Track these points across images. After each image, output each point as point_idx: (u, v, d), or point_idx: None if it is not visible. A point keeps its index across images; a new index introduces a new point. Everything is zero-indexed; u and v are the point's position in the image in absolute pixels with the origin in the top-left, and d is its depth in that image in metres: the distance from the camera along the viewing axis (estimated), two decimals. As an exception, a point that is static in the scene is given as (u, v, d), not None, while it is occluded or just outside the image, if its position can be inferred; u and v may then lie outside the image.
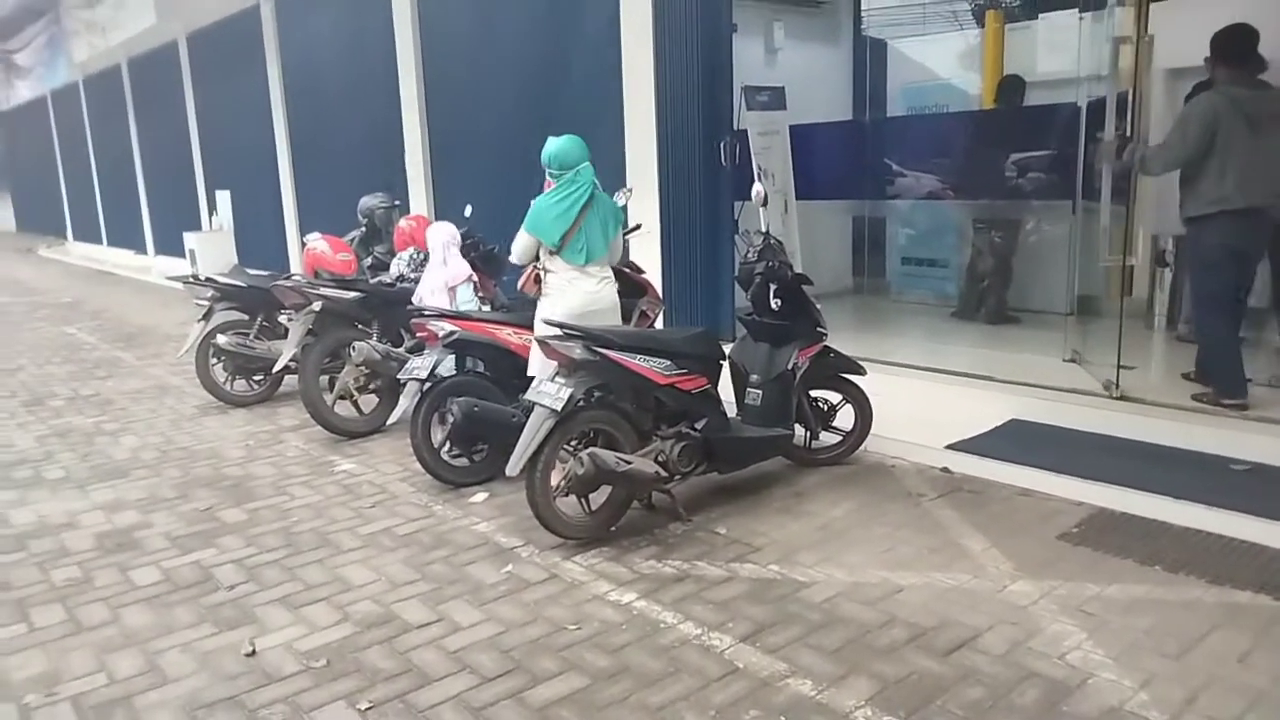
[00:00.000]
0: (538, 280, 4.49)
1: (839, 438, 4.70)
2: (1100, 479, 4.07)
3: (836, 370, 4.66)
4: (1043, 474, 4.22)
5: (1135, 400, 4.77)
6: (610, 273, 4.59)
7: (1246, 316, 5.15)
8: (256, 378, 6.48)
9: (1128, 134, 4.69)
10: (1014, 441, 4.66)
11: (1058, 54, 6.92)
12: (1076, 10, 6.48)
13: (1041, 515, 3.92)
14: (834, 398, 4.71)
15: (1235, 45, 4.60)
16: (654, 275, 6.01)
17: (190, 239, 13.14)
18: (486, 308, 5.38)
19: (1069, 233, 6.25)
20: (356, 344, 5.28)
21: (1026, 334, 6.72)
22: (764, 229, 4.72)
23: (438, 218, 8.26)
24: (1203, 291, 4.82)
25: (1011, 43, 7.54)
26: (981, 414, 4.92)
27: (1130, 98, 4.65)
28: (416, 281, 5.73)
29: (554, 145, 4.42)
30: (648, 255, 6.28)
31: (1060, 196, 6.59)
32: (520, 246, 4.52)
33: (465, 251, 5.57)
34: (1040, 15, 7.56)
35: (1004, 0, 8.78)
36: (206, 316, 6.39)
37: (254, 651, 3.05)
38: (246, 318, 6.51)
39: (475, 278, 5.39)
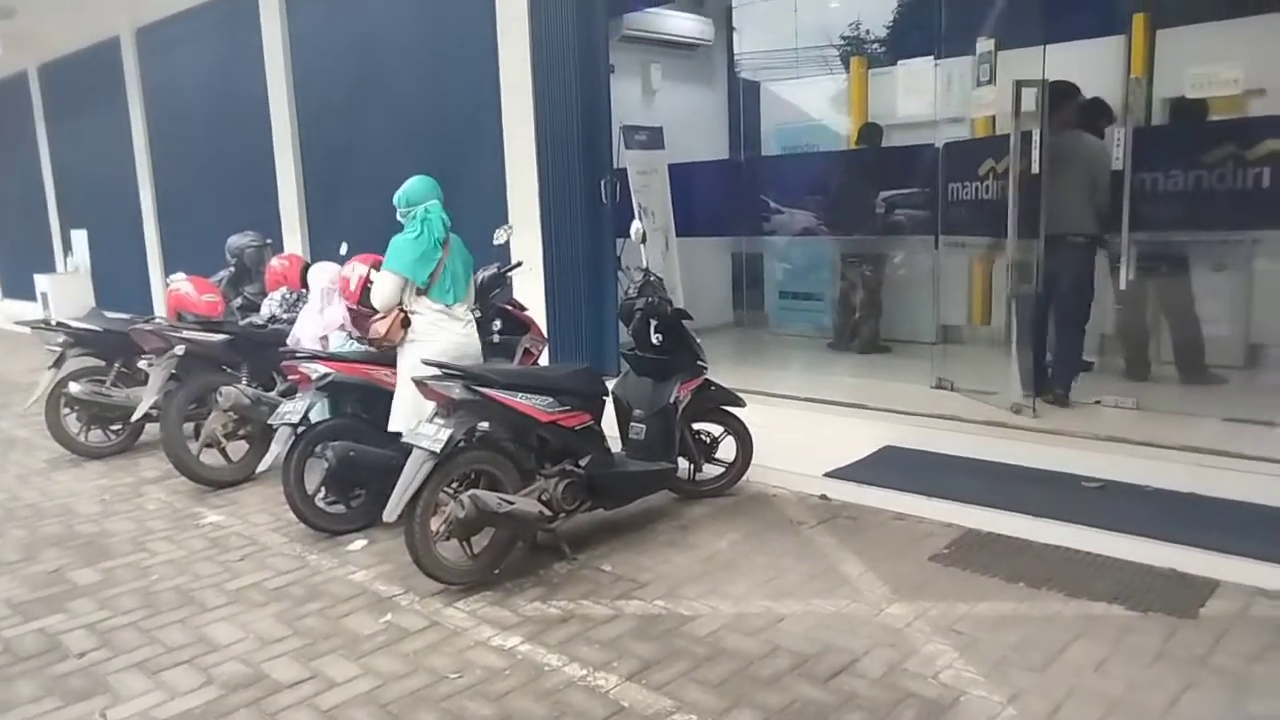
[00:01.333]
0: (405, 324, 4.31)
1: (722, 469, 4.76)
2: (967, 501, 4.25)
3: (717, 403, 4.73)
4: (915, 498, 4.38)
5: (1001, 424, 5.01)
6: (472, 316, 4.53)
7: (1098, 341, 5.62)
8: (114, 427, 6.10)
9: (1035, 170, 5.03)
10: (888, 467, 4.83)
11: (917, 97, 7.32)
12: (932, 57, 6.88)
13: (914, 538, 4.06)
14: (716, 430, 4.77)
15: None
16: (537, 313, 5.98)
17: (42, 281, 12.33)
18: (364, 348, 5.22)
19: (933, 266, 6.57)
20: (224, 388, 5.05)
21: (897, 363, 6.99)
22: (644, 265, 4.78)
23: (313, 256, 8.01)
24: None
25: (875, 87, 7.93)
26: (857, 441, 5.08)
27: (1035, 137, 5.00)
28: (289, 322, 5.53)
29: (405, 185, 4.42)
30: (531, 293, 6.25)
31: (924, 232, 6.93)
32: (386, 289, 4.31)
33: None
34: (900, 62, 7.99)
35: (867, 47, 9.25)
36: (58, 363, 6.00)
37: (105, 724, 2.83)
38: (103, 364, 6.14)
39: (348, 326, 5.21)
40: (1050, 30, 5.18)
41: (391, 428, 4.33)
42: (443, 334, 4.30)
